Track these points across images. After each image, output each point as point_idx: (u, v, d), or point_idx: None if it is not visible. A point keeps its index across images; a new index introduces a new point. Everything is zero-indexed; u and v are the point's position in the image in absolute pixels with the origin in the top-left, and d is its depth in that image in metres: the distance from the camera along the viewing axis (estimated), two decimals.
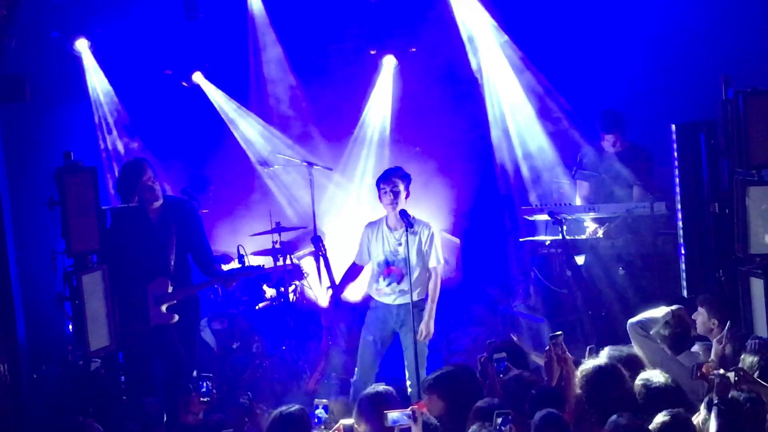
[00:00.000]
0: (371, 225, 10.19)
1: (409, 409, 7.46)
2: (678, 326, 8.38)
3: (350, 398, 9.70)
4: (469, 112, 13.53)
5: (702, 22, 11.79)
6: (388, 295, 10.00)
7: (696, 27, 11.84)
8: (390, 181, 9.90)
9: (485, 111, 13.42)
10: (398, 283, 9.91)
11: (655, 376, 7.40)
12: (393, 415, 7.35)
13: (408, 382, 9.87)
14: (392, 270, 9.94)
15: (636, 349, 8.12)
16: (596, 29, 12.44)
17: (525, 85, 13.13)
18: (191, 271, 10.09)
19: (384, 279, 10.01)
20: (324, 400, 8.06)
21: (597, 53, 12.49)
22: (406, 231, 9.68)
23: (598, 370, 7.44)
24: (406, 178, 9.99)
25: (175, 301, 9.68)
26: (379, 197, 10.03)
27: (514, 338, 10.73)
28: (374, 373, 10.00)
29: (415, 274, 9.87)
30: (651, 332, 8.30)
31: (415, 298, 9.84)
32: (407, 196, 9.95)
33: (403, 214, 9.74)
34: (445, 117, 13.59)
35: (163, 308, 9.59)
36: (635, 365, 7.77)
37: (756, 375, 7.00)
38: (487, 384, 8.13)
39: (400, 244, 9.85)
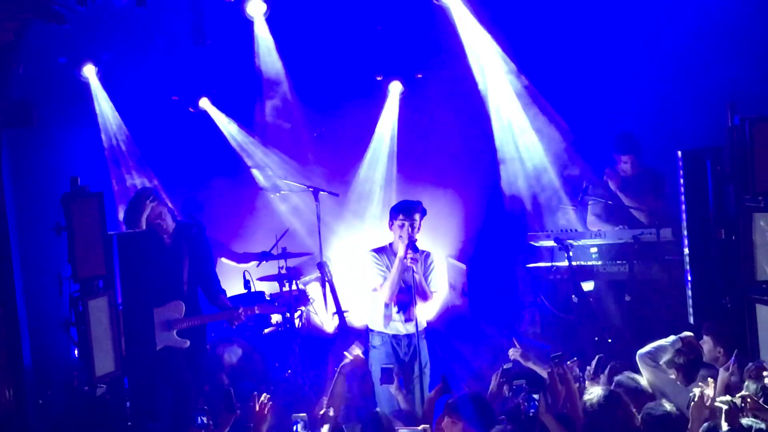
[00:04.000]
0: (380, 251, 10.13)
1: (420, 427, 7.49)
2: (691, 353, 8.39)
3: None
4: (475, 138, 13.54)
5: (708, 49, 11.82)
6: (396, 322, 9.97)
7: (702, 54, 11.87)
8: (411, 217, 9.85)
9: (492, 136, 13.43)
10: (405, 311, 9.89)
11: (660, 405, 7.40)
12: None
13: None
14: (401, 297, 9.91)
15: (646, 379, 8.12)
16: (603, 56, 12.48)
17: (531, 111, 13.14)
18: (200, 296, 10.12)
19: (395, 306, 9.98)
20: (302, 414, 8.04)
21: (604, 80, 12.52)
22: (413, 259, 9.69)
23: (601, 398, 7.45)
24: (424, 214, 10.00)
25: (186, 327, 9.69)
26: (391, 226, 9.97)
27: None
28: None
29: (419, 302, 9.86)
30: (661, 362, 8.30)
31: (423, 326, 9.87)
32: (419, 229, 9.96)
33: (412, 243, 9.73)
34: (451, 142, 13.60)
35: (175, 332, 9.60)
36: (645, 397, 7.79)
37: (761, 401, 6.98)
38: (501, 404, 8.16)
39: (407, 272, 9.83)
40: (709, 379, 7.73)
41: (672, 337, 8.49)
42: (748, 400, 6.81)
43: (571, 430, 7.46)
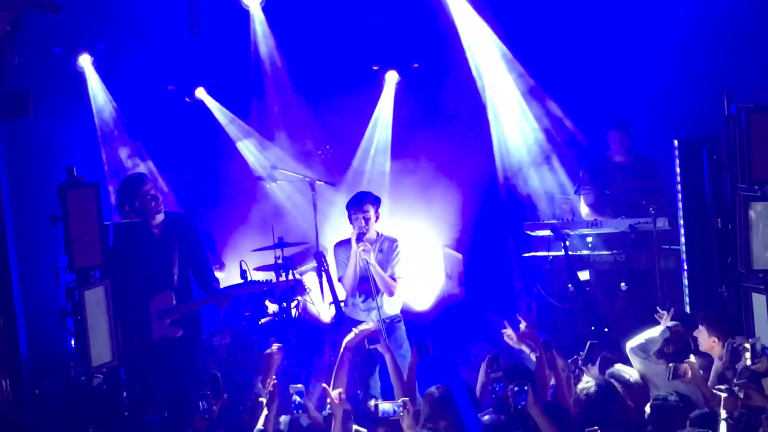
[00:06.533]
0: (342, 244, 10.43)
1: (400, 400, 7.54)
2: (679, 342, 8.45)
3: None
4: (472, 127, 13.53)
5: (705, 38, 11.81)
6: (363, 311, 10.17)
7: (699, 43, 11.87)
8: (361, 209, 10.16)
9: (488, 125, 13.42)
10: (373, 299, 10.05)
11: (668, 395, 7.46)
12: (384, 406, 7.46)
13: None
14: (365, 287, 10.08)
15: (637, 371, 8.16)
16: (600, 46, 12.46)
17: (528, 100, 13.14)
18: (192, 286, 10.11)
19: (360, 296, 10.15)
20: (299, 386, 8.13)
21: (600, 69, 12.51)
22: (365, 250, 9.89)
23: (597, 389, 7.49)
24: (377, 203, 10.31)
25: (178, 316, 9.69)
26: (350, 220, 10.24)
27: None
28: (377, 390, 10.01)
29: (383, 289, 10.01)
30: (651, 353, 8.35)
31: (390, 312, 10.06)
32: (377, 219, 10.22)
33: (358, 235, 10.06)
34: (448, 132, 13.59)
35: (167, 322, 9.60)
36: (637, 389, 7.84)
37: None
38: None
39: (368, 262, 10.01)
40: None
41: (660, 328, 8.55)
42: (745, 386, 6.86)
43: (560, 422, 7.47)
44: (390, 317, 10.22)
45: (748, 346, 7.43)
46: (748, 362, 7.30)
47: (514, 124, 13.33)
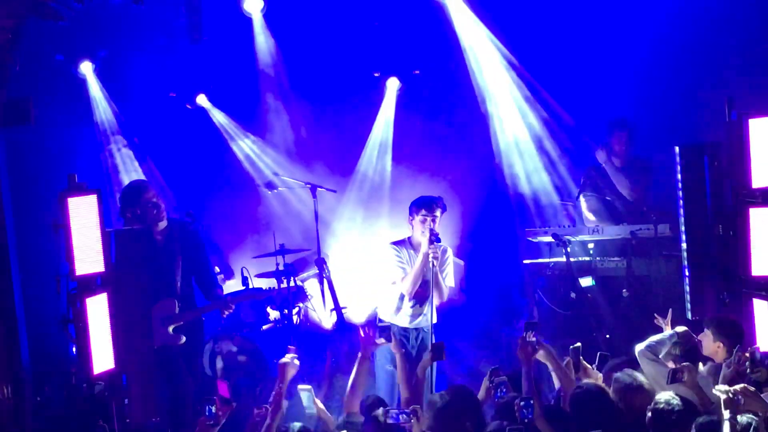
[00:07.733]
0: (400, 244, 10.13)
1: (410, 408, 7.51)
2: (687, 343, 8.48)
3: None
4: (473, 134, 13.55)
5: (706, 44, 11.82)
6: (408, 316, 9.97)
7: (700, 50, 11.88)
8: (433, 212, 9.85)
9: (490, 132, 13.43)
10: (421, 305, 9.91)
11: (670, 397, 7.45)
12: (392, 412, 7.43)
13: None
14: (419, 292, 9.89)
15: (646, 374, 8.15)
16: (602, 52, 12.47)
17: (530, 106, 13.15)
18: (195, 293, 10.12)
19: (410, 300, 9.96)
20: (307, 386, 8.18)
21: (602, 76, 12.51)
22: (435, 255, 9.68)
23: (585, 390, 7.53)
24: (445, 210, 10.05)
25: (181, 323, 9.70)
26: (411, 220, 9.95)
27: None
28: (394, 402, 9.93)
29: (436, 296, 9.87)
30: (660, 355, 8.36)
31: (435, 320, 9.87)
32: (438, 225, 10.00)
33: (436, 238, 9.71)
34: (449, 138, 13.61)
35: (170, 329, 9.61)
36: (642, 393, 7.83)
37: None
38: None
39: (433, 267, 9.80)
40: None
41: (668, 331, 8.59)
42: (747, 389, 6.86)
43: (563, 427, 7.47)
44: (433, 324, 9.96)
45: (747, 355, 7.44)
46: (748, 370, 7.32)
47: (516, 130, 13.34)
